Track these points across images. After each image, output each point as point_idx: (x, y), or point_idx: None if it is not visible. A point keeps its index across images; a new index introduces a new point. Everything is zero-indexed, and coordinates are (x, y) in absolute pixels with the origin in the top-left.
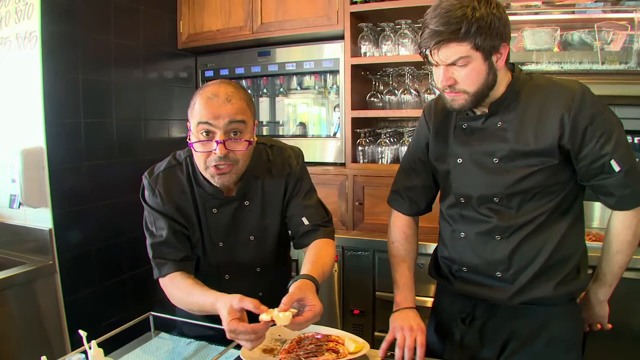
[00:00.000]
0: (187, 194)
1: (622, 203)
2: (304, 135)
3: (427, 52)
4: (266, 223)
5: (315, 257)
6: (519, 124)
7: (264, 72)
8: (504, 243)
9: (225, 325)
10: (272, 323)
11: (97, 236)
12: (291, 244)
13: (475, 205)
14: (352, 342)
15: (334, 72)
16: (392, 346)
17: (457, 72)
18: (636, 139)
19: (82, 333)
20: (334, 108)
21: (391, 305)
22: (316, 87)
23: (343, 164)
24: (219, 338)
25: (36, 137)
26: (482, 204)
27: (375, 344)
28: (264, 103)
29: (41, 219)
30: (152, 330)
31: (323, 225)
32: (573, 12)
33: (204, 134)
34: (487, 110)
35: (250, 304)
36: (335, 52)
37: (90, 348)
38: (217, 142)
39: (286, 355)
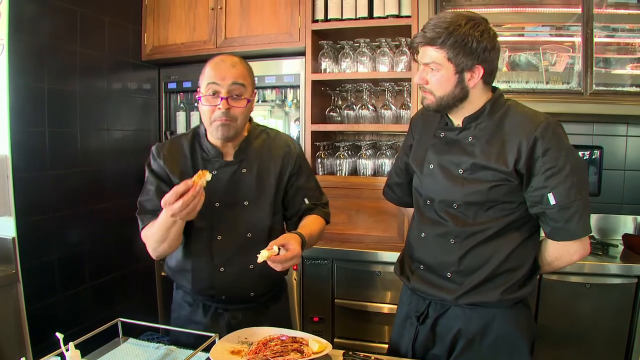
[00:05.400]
0: (187, 157)
1: (553, 234)
2: None
3: (414, 49)
4: (260, 191)
5: (306, 222)
6: (486, 142)
7: None
8: (457, 246)
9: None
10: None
11: (61, 245)
12: (284, 224)
13: (437, 208)
14: (316, 343)
15: (295, 87)
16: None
17: (430, 74)
18: (580, 153)
19: (59, 335)
20: (294, 121)
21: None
22: (277, 101)
23: None
24: (187, 343)
25: (1, 146)
26: (442, 208)
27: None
28: None
29: (4, 227)
30: (120, 336)
31: (321, 206)
32: (522, 35)
33: (212, 92)
34: (461, 124)
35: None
36: (296, 68)
37: (67, 350)
38: (222, 98)
39: (253, 356)
